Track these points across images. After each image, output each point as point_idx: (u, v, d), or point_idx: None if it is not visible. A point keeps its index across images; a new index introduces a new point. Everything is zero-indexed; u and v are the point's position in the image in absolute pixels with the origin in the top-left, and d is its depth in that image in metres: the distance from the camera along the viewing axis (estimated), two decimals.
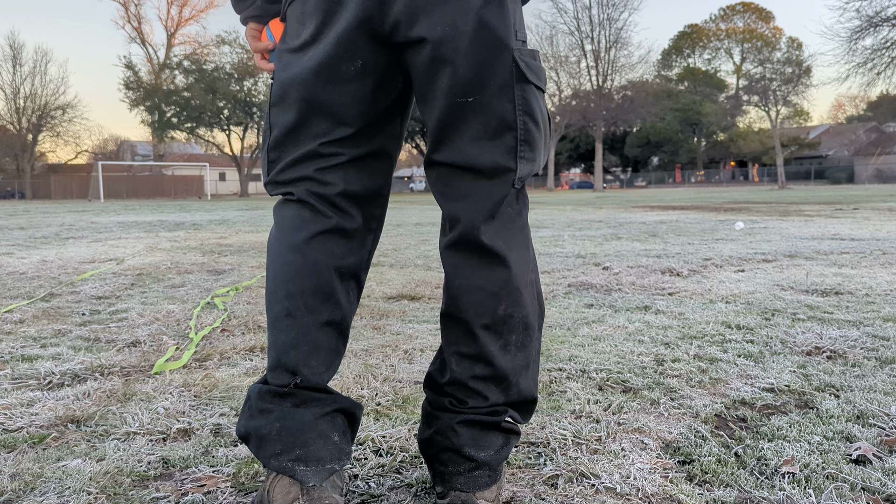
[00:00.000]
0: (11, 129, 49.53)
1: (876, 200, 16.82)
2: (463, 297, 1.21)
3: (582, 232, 8.21)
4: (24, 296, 3.75)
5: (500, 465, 1.25)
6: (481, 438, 1.23)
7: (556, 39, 51.80)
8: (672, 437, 1.60)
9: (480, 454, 1.22)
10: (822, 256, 5.15)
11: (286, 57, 1.25)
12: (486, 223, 1.18)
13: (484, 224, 1.18)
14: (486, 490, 1.22)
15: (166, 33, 56.65)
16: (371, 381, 2.06)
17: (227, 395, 1.95)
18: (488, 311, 1.20)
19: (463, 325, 1.22)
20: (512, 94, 1.17)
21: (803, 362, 2.22)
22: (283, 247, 1.23)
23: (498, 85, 1.15)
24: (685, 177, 65.10)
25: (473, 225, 1.18)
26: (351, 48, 1.17)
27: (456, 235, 1.20)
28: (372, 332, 2.77)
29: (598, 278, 4.15)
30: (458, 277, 1.21)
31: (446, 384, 1.24)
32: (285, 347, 1.18)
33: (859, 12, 29.58)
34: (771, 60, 52.25)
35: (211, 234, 8.57)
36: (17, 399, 1.91)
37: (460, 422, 1.22)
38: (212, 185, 60.25)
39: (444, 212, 1.23)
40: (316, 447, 1.16)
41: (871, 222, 8.89)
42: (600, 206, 17.68)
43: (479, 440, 1.22)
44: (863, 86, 44.02)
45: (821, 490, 1.32)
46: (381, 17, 1.14)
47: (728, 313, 3.04)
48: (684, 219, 10.63)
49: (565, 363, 2.23)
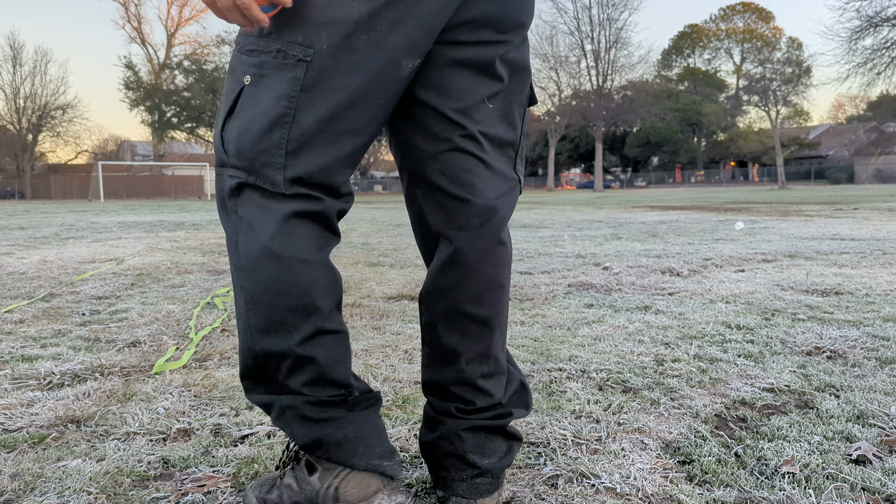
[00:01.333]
0: (11, 129, 49.54)
1: (876, 200, 16.82)
2: (486, 295, 1.22)
3: (582, 232, 8.21)
4: (24, 296, 3.75)
5: (502, 473, 1.26)
6: (486, 445, 1.23)
7: (556, 39, 51.96)
8: (672, 437, 1.60)
9: (484, 461, 1.22)
10: (822, 256, 5.16)
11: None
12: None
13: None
14: (487, 497, 1.23)
15: (166, 33, 56.72)
16: (371, 381, 2.06)
17: (227, 395, 1.95)
18: (502, 306, 1.25)
19: (480, 323, 1.22)
20: (523, 113, 1.27)
21: (803, 362, 2.22)
22: (304, 264, 1.13)
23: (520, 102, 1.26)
24: (685, 177, 65.11)
25: (504, 218, 1.25)
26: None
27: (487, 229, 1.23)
28: (372, 332, 2.77)
29: (598, 278, 4.15)
30: (481, 273, 1.22)
31: (453, 385, 1.23)
32: (330, 363, 1.16)
33: (859, 12, 29.62)
34: (771, 60, 52.28)
35: (211, 234, 8.57)
36: (17, 399, 1.91)
37: (466, 428, 1.23)
38: (212, 185, 60.26)
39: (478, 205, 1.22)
40: (387, 442, 1.23)
41: (871, 222, 8.89)
42: (600, 206, 17.68)
43: (483, 447, 1.23)
44: (863, 86, 44.10)
45: (821, 490, 1.32)
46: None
47: (728, 313, 3.04)
48: (684, 219, 10.63)
49: (565, 363, 2.23)
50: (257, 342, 1.15)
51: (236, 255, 1.16)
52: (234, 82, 1.15)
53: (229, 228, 1.17)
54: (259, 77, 1.11)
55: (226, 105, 1.17)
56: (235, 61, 1.16)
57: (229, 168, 1.15)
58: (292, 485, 1.23)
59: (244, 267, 1.14)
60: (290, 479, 1.24)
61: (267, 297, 1.13)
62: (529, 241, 7.00)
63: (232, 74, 1.17)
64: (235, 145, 1.13)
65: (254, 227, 1.13)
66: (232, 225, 1.16)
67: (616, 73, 51.05)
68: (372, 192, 64.93)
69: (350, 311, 3.19)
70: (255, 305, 1.14)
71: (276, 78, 1.10)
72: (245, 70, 1.13)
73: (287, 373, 1.15)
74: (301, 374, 1.15)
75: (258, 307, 1.14)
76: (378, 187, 72.13)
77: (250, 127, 1.11)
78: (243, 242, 1.14)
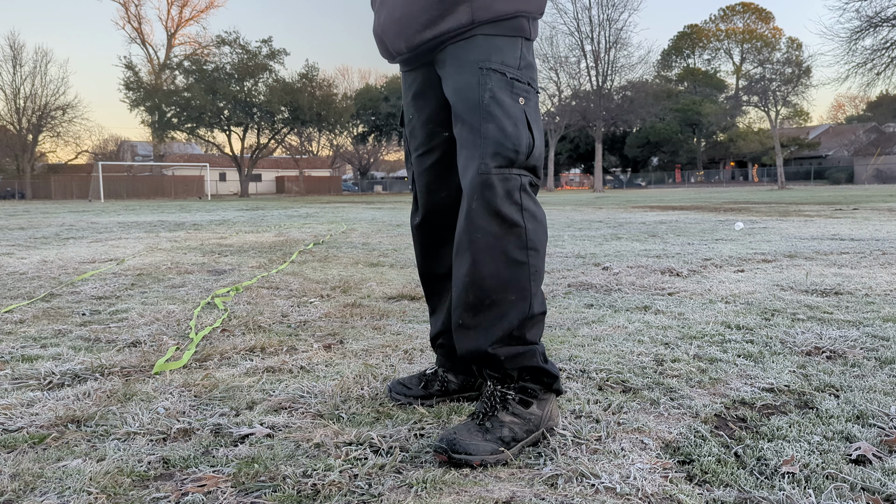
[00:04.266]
0: (11, 129, 49.49)
1: (876, 200, 16.82)
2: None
3: (582, 232, 8.21)
4: (24, 296, 3.75)
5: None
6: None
7: (555, 40, 51.95)
8: (672, 437, 1.60)
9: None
10: (821, 256, 5.16)
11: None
12: None
13: None
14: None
15: (166, 34, 56.72)
16: (371, 381, 2.06)
17: (227, 395, 1.95)
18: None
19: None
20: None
21: (803, 362, 2.22)
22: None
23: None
24: (685, 177, 65.09)
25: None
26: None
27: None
28: (372, 332, 2.78)
29: (598, 278, 4.15)
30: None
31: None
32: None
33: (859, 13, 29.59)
34: (771, 61, 52.22)
35: (211, 235, 8.57)
36: (17, 399, 1.91)
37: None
38: (212, 186, 60.24)
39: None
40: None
41: (870, 222, 8.89)
42: (600, 206, 17.68)
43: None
44: (862, 86, 43.98)
45: (821, 490, 1.32)
46: None
47: (728, 313, 3.04)
48: (684, 219, 10.63)
49: (565, 363, 2.23)
50: (540, 306, 1.59)
51: (521, 239, 1.54)
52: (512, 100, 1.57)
53: (517, 216, 1.53)
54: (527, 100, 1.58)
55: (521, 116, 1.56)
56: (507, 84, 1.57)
57: (518, 168, 1.54)
58: (514, 420, 1.54)
59: (533, 247, 1.55)
60: (508, 416, 1.54)
61: (543, 271, 1.59)
62: None
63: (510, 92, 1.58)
64: (538, 151, 1.56)
65: (537, 218, 1.57)
66: (517, 214, 1.54)
67: (616, 73, 51.00)
68: (372, 193, 64.87)
69: (350, 311, 3.19)
70: (537, 277, 1.57)
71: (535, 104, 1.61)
72: (519, 94, 1.57)
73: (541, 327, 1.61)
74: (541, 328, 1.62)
75: (539, 277, 1.57)
76: (378, 187, 72.09)
77: (540, 139, 1.56)
78: (532, 230, 1.55)
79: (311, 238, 7.78)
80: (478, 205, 1.51)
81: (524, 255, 1.54)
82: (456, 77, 1.59)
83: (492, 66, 1.55)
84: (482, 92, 1.54)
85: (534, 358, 1.58)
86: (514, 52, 1.58)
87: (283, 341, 2.60)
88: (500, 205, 1.51)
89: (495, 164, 1.51)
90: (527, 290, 1.55)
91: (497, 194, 1.51)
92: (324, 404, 1.86)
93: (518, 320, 1.54)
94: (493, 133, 1.52)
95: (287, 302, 3.49)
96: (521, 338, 1.56)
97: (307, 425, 1.70)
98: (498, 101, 1.53)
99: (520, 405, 1.57)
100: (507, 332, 1.54)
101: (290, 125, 47.79)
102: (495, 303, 1.54)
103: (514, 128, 1.53)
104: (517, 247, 1.53)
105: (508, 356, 1.55)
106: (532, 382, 1.60)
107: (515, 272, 1.53)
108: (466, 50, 1.57)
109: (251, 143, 48.84)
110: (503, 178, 1.51)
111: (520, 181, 1.54)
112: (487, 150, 1.51)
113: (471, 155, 1.53)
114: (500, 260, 1.52)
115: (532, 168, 1.56)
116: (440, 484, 1.37)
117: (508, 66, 1.56)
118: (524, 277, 1.54)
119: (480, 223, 1.51)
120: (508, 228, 1.52)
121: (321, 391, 1.96)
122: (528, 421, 1.56)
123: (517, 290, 1.54)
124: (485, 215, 1.51)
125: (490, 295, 1.53)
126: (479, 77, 1.55)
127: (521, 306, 1.55)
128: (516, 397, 1.58)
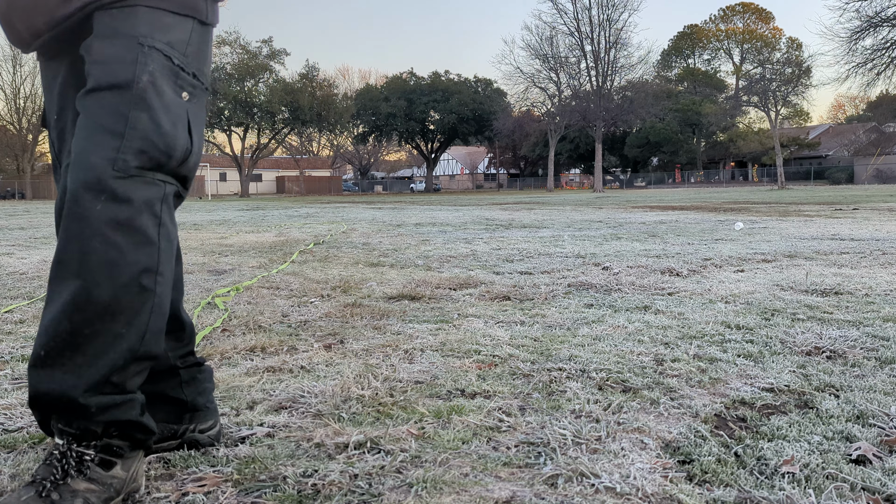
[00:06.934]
0: (11, 129, 49.54)
1: (876, 200, 16.82)
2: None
3: (582, 232, 8.21)
4: (24, 296, 3.75)
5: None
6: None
7: (555, 40, 51.66)
8: (672, 436, 1.60)
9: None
10: (821, 256, 5.16)
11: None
12: None
13: None
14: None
15: None
16: (371, 381, 2.06)
17: (228, 395, 1.95)
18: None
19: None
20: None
21: (803, 362, 2.22)
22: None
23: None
24: (685, 177, 65.11)
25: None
26: None
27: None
28: (372, 332, 2.78)
29: (598, 278, 4.15)
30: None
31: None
32: None
33: (859, 12, 29.59)
34: (771, 61, 52.29)
35: (211, 234, 8.57)
36: (17, 399, 1.91)
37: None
38: (212, 185, 60.32)
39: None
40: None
41: (870, 222, 8.89)
42: (600, 206, 17.69)
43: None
44: (863, 86, 43.99)
45: (821, 490, 1.32)
46: None
47: (728, 313, 3.04)
48: (684, 219, 10.63)
49: (565, 363, 2.23)
50: (156, 346, 1.31)
51: (152, 260, 1.28)
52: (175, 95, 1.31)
53: (152, 232, 1.27)
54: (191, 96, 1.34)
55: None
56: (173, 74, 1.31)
57: (165, 174, 1.29)
58: (91, 488, 1.21)
59: (162, 273, 1.30)
60: (84, 483, 1.21)
61: (167, 306, 1.36)
62: (529, 241, 7.01)
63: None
64: (194, 159, 1.33)
65: (170, 238, 1.31)
66: (154, 230, 1.28)
67: (616, 73, 51.02)
68: (372, 193, 64.87)
69: (350, 311, 3.19)
70: (159, 312, 1.30)
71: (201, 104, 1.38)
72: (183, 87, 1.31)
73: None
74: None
75: (163, 312, 1.31)
76: (378, 187, 72.08)
77: (199, 145, 1.36)
78: (165, 251, 1.30)
79: (311, 238, 7.78)
80: (103, 209, 1.18)
81: (151, 281, 1.24)
82: (105, 49, 1.23)
83: (155, 44, 1.24)
84: (139, 72, 1.22)
85: (132, 410, 1.26)
86: (182, 33, 1.29)
87: (283, 341, 2.60)
88: (134, 215, 1.20)
89: (137, 163, 1.21)
90: (143, 323, 1.24)
91: (132, 200, 1.20)
92: (324, 404, 1.86)
93: (123, 360, 1.22)
94: (145, 125, 1.21)
95: (287, 302, 3.49)
96: (122, 385, 1.24)
97: (307, 425, 1.70)
98: (157, 90, 1.24)
99: (100, 467, 1.24)
100: (104, 375, 1.21)
101: (290, 125, 47.85)
102: (96, 334, 1.20)
103: (171, 126, 1.24)
104: (145, 269, 1.22)
105: (101, 407, 1.21)
106: (120, 439, 1.27)
107: (135, 300, 1.22)
108: (122, 20, 1.24)
109: (251, 143, 48.90)
110: (145, 181, 1.22)
111: (164, 190, 1.25)
112: (132, 144, 1.20)
113: (101, 141, 1.19)
114: (120, 283, 1.20)
115: (182, 178, 1.30)
116: (440, 484, 1.37)
117: (175, 49, 1.27)
118: (144, 309, 1.23)
119: (103, 233, 1.18)
120: (138, 245, 1.21)
121: (321, 391, 1.96)
122: (109, 486, 1.24)
123: (129, 321, 1.22)
124: (110, 224, 1.18)
125: (93, 324, 1.19)
126: (139, 54, 1.23)
127: (131, 341, 1.23)
128: (96, 458, 1.24)
